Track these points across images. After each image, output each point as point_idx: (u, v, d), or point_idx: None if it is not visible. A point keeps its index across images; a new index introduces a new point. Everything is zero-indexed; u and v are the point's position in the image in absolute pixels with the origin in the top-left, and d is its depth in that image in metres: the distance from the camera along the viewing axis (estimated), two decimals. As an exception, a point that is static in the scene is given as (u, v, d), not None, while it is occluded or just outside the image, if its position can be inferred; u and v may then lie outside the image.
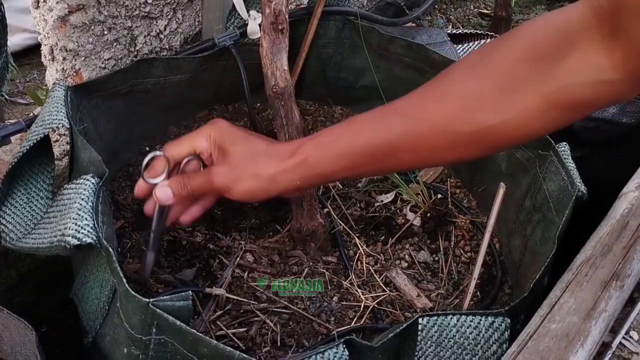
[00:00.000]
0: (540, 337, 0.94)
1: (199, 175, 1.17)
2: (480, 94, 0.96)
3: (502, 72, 0.95)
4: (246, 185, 1.12)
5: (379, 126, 1.03)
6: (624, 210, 1.15)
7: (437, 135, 0.99)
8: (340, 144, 1.05)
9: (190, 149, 1.17)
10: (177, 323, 0.97)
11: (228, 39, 1.68)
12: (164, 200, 1.17)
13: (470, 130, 0.97)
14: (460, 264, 1.57)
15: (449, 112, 0.97)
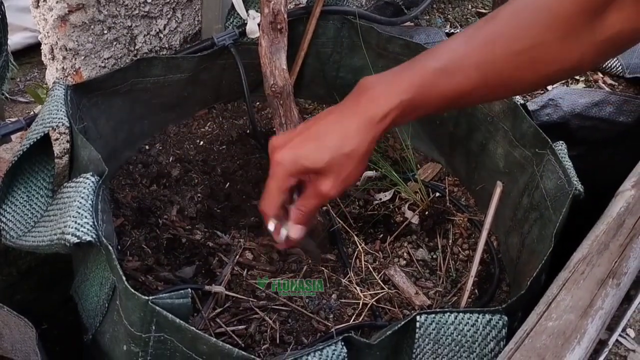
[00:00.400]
0: (537, 334, 0.94)
1: (309, 199, 1.15)
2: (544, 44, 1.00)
3: (561, 22, 0.99)
4: (355, 175, 1.12)
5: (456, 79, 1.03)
6: (620, 209, 1.16)
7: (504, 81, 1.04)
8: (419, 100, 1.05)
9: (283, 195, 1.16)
10: (176, 320, 0.97)
11: (227, 38, 1.68)
12: (301, 235, 1.19)
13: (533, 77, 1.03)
14: (458, 262, 1.58)
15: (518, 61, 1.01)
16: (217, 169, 1.72)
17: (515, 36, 1.01)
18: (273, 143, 1.14)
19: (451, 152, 1.79)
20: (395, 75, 1.07)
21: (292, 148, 1.10)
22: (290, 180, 1.12)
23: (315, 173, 1.10)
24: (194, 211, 1.60)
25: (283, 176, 1.12)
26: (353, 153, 1.07)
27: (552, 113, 1.69)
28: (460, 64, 1.03)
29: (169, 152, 1.73)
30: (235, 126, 1.86)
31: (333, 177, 1.09)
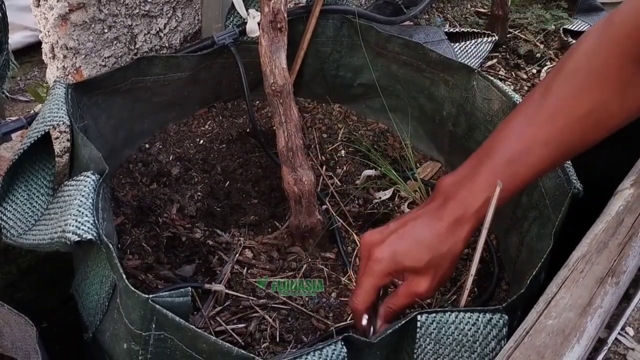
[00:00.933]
0: (536, 332, 0.94)
1: (402, 298, 1.15)
2: (604, 103, 1.04)
3: (614, 79, 1.03)
4: (449, 275, 1.15)
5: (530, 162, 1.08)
6: (619, 207, 1.16)
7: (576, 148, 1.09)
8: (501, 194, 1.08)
9: (377, 293, 1.16)
10: (176, 319, 0.97)
11: (227, 37, 1.69)
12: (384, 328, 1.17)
13: (603, 135, 1.07)
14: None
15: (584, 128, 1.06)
16: (217, 167, 1.73)
17: (575, 105, 1.05)
18: (367, 238, 1.16)
19: (450, 151, 1.79)
20: (472, 175, 1.11)
21: (390, 245, 1.12)
22: (386, 279, 1.14)
23: (413, 272, 1.12)
24: (194, 210, 1.60)
25: (381, 274, 1.12)
26: (449, 253, 1.10)
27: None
28: (530, 148, 1.07)
29: (169, 151, 1.73)
30: (235, 125, 1.86)
31: (430, 277, 1.11)
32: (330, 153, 1.85)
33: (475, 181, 1.09)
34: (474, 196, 1.08)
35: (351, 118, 1.99)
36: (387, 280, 1.14)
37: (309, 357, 0.98)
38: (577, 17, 2.50)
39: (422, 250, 1.10)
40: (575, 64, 1.07)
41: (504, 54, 2.32)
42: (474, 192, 1.09)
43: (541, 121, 1.07)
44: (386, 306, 1.16)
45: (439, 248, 1.09)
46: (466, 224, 1.09)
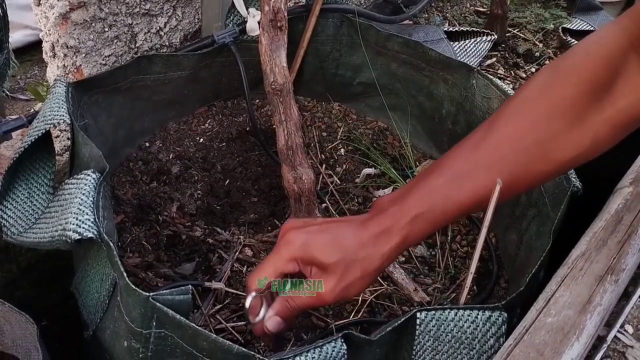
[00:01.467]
0: (536, 330, 0.95)
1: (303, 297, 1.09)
2: (554, 135, 1.02)
3: (566, 110, 1.02)
4: (357, 288, 1.06)
5: (467, 187, 1.04)
6: (618, 206, 1.16)
7: (520, 180, 1.06)
8: (434, 213, 1.04)
9: (277, 277, 1.09)
10: (176, 317, 0.98)
11: (227, 36, 1.69)
12: (277, 329, 1.10)
13: (551, 169, 1.05)
14: (457, 259, 1.58)
15: (531, 158, 1.03)
16: (217, 166, 1.73)
17: (522, 135, 1.03)
18: (289, 223, 1.11)
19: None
20: (407, 192, 1.07)
21: (307, 233, 1.07)
22: (290, 265, 1.08)
23: (320, 269, 1.06)
24: (194, 208, 1.60)
25: (287, 256, 1.07)
26: (363, 262, 1.04)
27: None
28: (470, 172, 1.04)
29: (169, 149, 1.73)
30: (235, 123, 1.86)
31: (336, 280, 1.05)
32: (330, 151, 1.85)
33: (408, 198, 1.05)
34: (403, 212, 1.04)
35: (351, 117, 2.00)
36: (290, 267, 1.07)
37: (308, 355, 0.98)
38: (576, 16, 2.50)
39: (336, 247, 1.04)
40: (528, 94, 1.05)
41: (503, 52, 2.33)
42: (404, 208, 1.04)
43: (486, 148, 1.05)
44: (284, 299, 1.10)
45: (355, 252, 1.04)
46: (391, 239, 1.04)
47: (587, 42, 1.06)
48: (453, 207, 1.04)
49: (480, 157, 1.04)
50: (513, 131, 1.04)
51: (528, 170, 1.04)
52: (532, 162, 1.03)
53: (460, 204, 1.04)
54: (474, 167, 1.04)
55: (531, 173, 1.05)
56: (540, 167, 1.04)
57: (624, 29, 1.01)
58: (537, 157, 1.03)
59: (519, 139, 1.03)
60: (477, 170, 1.04)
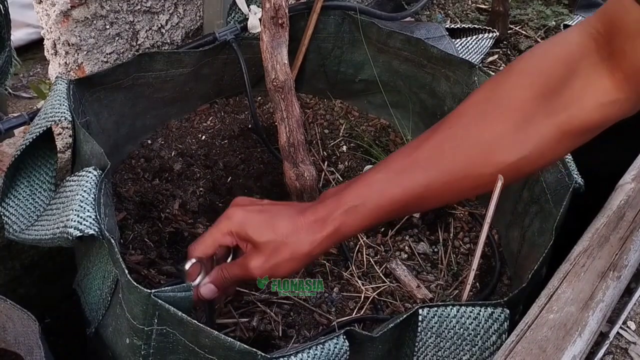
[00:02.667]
0: (538, 327, 0.95)
1: (235, 267, 1.14)
2: (497, 136, 1.00)
3: (513, 111, 0.99)
4: (285, 269, 1.10)
5: (403, 183, 1.04)
6: (620, 202, 1.16)
7: (460, 181, 1.04)
8: (368, 206, 1.06)
9: (215, 246, 1.14)
10: (178, 314, 0.98)
11: (229, 33, 1.69)
12: (210, 296, 1.16)
13: (492, 171, 1.02)
14: (460, 255, 1.58)
15: (470, 159, 1.02)
16: (219, 163, 1.73)
17: (465, 133, 1.02)
18: (237, 199, 1.17)
19: (452, 147, 1.79)
20: (347, 186, 1.09)
21: (246, 211, 1.12)
22: (227, 239, 1.13)
23: (253, 246, 1.11)
24: (196, 205, 1.60)
25: (223, 229, 1.12)
26: (293, 246, 1.08)
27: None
28: (408, 166, 1.05)
29: (171, 147, 1.73)
30: (237, 121, 1.86)
31: (264, 257, 1.09)
32: (332, 149, 1.85)
33: (346, 191, 1.08)
34: (338, 203, 1.06)
35: (353, 114, 1.99)
36: (227, 240, 1.12)
37: (311, 352, 0.98)
38: (577, 14, 2.50)
39: (269, 229, 1.09)
40: (476, 96, 1.04)
41: (504, 50, 2.32)
42: (340, 200, 1.07)
43: (427, 146, 1.04)
44: (219, 268, 1.15)
45: (285, 235, 1.08)
46: (323, 229, 1.07)
47: (548, 42, 1.03)
48: (387, 202, 1.05)
49: (420, 155, 1.04)
50: (456, 131, 1.03)
51: (468, 172, 1.03)
52: (472, 162, 1.02)
53: (393, 200, 1.05)
54: (413, 164, 1.05)
55: (471, 175, 1.03)
56: (479, 169, 1.02)
57: (590, 28, 0.97)
58: (476, 157, 1.01)
59: (460, 138, 1.02)
60: (415, 168, 1.04)
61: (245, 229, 1.10)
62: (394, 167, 1.06)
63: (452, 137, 1.03)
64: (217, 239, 1.13)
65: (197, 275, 1.16)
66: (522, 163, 1.01)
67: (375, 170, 1.09)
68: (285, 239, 1.08)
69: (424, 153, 1.04)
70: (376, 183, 1.06)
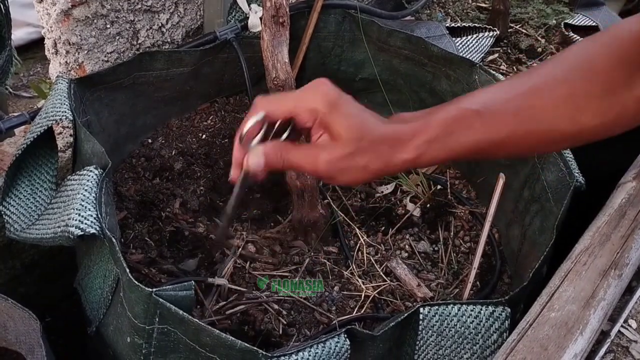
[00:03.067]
0: (540, 325, 0.95)
1: (301, 153, 1.00)
2: (587, 96, 0.99)
3: (605, 75, 0.98)
4: (351, 177, 0.99)
5: (490, 125, 1.00)
6: (622, 200, 1.16)
7: (542, 134, 1.02)
8: (452, 141, 1.00)
9: (290, 114, 0.99)
10: (179, 312, 0.98)
11: (229, 32, 1.69)
12: (254, 169, 1.01)
13: (573, 130, 1.00)
14: (460, 254, 1.58)
15: (558, 113, 0.99)
16: (220, 162, 1.73)
17: (557, 86, 1.00)
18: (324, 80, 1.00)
19: (453, 145, 1.79)
20: (430, 111, 1.02)
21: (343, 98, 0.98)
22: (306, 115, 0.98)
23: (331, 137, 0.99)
24: (197, 204, 1.60)
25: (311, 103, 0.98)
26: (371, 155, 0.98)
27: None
28: (498, 109, 1.01)
29: (171, 146, 1.73)
30: (238, 120, 1.86)
31: (340, 154, 0.97)
32: (333, 147, 1.85)
33: (429, 117, 1.00)
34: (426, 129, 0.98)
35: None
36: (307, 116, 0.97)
37: (312, 350, 0.98)
38: (578, 12, 2.49)
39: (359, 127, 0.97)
40: (570, 52, 1.04)
41: (505, 48, 2.32)
42: (427, 124, 0.99)
43: (519, 91, 1.01)
44: (279, 144, 1.01)
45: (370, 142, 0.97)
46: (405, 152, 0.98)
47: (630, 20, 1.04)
48: (470, 144, 1.00)
49: (514, 98, 1.01)
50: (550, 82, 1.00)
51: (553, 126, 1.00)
52: (560, 118, 1.00)
53: (477, 142, 1.00)
54: (504, 106, 1.01)
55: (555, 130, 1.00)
56: (564, 127, 1.00)
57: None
58: (565, 114, 0.99)
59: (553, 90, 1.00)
60: (505, 111, 1.01)
61: (335, 115, 0.97)
62: (483, 107, 1.01)
63: (543, 90, 1.01)
64: (298, 107, 0.98)
65: (254, 136, 1.01)
66: (600, 128, 1.00)
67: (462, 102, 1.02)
68: (370, 145, 0.98)
69: (514, 102, 1.01)
70: (465, 120, 1.00)
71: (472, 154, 1.03)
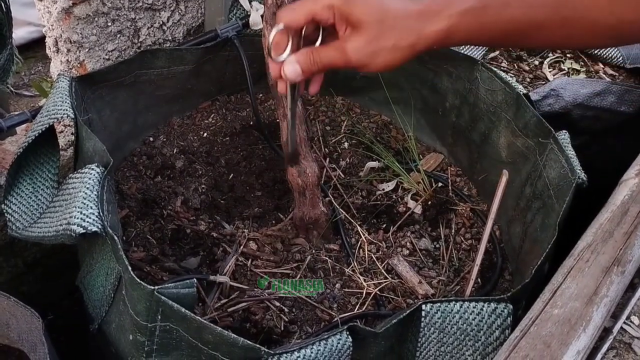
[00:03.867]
0: (542, 322, 0.95)
1: (329, 50, 1.04)
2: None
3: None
4: (384, 59, 1.01)
5: (525, 6, 0.97)
6: (624, 197, 1.16)
7: (578, 21, 0.97)
8: (488, 14, 0.98)
9: (308, 17, 1.02)
10: (181, 310, 0.98)
11: (230, 30, 1.69)
12: (293, 78, 1.06)
13: (610, 22, 0.96)
14: (461, 251, 1.58)
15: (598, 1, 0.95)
16: (221, 160, 1.73)
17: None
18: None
19: (453, 143, 1.79)
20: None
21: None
22: (325, 13, 1.01)
23: (354, 28, 1.00)
24: (198, 202, 1.60)
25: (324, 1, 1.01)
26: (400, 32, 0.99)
27: (554, 103, 1.69)
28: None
29: (173, 144, 1.73)
30: (239, 118, 1.86)
31: (366, 39, 0.99)
32: (334, 145, 1.85)
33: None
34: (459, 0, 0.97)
35: (354, 110, 1.99)
36: (325, 14, 1.01)
37: (314, 347, 0.98)
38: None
39: (377, 7, 0.98)
40: None
41: (506, 45, 2.32)
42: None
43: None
44: (308, 49, 1.05)
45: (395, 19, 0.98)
46: (436, 22, 0.97)
47: None
48: (505, 19, 0.98)
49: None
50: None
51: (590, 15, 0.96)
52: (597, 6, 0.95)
53: (512, 19, 0.98)
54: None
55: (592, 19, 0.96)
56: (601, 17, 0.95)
57: None
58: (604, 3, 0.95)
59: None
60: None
61: (350, 4, 0.99)
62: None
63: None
64: (313, 9, 1.01)
65: (284, 49, 1.05)
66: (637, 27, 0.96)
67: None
68: (393, 22, 0.98)
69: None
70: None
71: (507, 35, 1.00)
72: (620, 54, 1.94)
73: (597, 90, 1.71)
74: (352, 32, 1.00)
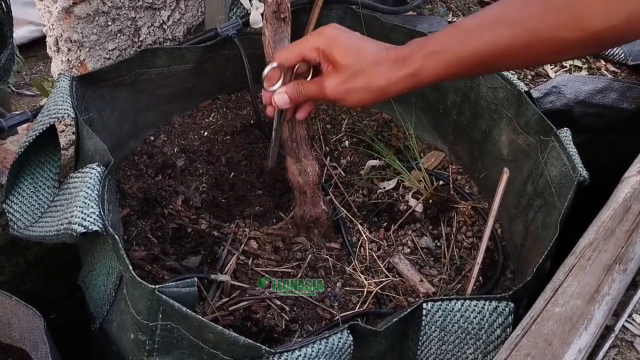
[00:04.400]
0: (544, 320, 0.95)
1: (311, 84, 1.21)
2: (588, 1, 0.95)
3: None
4: (357, 97, 1.15)
5: (486, 35, 1.03)
6: (626, 195, 1.16)
7: (543, 42, 1.00)
8: (449, 54, 1.06)
9: (299, 57, 1.20)
10: (182, 309, 0.98)
11: (231, 28, 1.68)
12: (281, 106, 1.25)
13: (577, 36, 0.97)
14: (462, 250, 1.58)
15: (558, 19, 0.97)
16: (222, 159, 1.73)
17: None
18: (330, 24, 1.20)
19: (455, 140, 1.79)
20: (434, 34, 1.10)
21: (339, 32, 1.18)
22: (313, 53, 1.18)
23: (333, 67, 1.16)
24: (199, 201, 1.60)
25: (312, 43, 1.17)
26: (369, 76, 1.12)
27: (556, 100, 1.69)
28: (495, 21, 1.02)
29: (173, 143, 1.73)
30: (239, 116, 1.86)
31: (341, 79, 1.14)
32: (334, 144, 1.85)
33: (431, 37, 1.09)
34: (421, 47, 1.08)
35: (355, 108, 1.99)
36: (312, 55, 1.18)
37: (315, 346, 0.98)
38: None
39: (353, 53, 1.13)
40: None
41: (506, 43, 2.32)
42: (423, 45, 1.08)
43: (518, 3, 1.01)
44: (295, 82, 1.23)
45: (366, 64, 1.12)
46: (402, 68, 1.09)
47: None
48: (467, 54, 1.04)
49: (509, 11, 1.02)
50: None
51: (553, 34, 0.98)
52: (559, 25, 0.97)
53: (474, 52, 1.04)
54: (498, 20, 1.02)
55: (556, 38, 0.98)
56: (566, 33, 0.97)
57: None
58: (565, 20, 0.97)
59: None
60: (500, 24, 1.02)
61: (332, 47, 1.15)
62: (480, 20, 1.05)
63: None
64: (303, 50, 1.19)
65: (276, 81, 1.25)
66: (608, 33, 0.96)
67: (462, 21, 1.08)
68: (365, 68, 1.12)
69: (512, 10, 1.02)
70: (460, 33, 1.06)
71: (475, 67, 1.07)
72: (623, 51, 1.94)
73: (599, 88, 1.71)
74: (331, 71, 1.17)
